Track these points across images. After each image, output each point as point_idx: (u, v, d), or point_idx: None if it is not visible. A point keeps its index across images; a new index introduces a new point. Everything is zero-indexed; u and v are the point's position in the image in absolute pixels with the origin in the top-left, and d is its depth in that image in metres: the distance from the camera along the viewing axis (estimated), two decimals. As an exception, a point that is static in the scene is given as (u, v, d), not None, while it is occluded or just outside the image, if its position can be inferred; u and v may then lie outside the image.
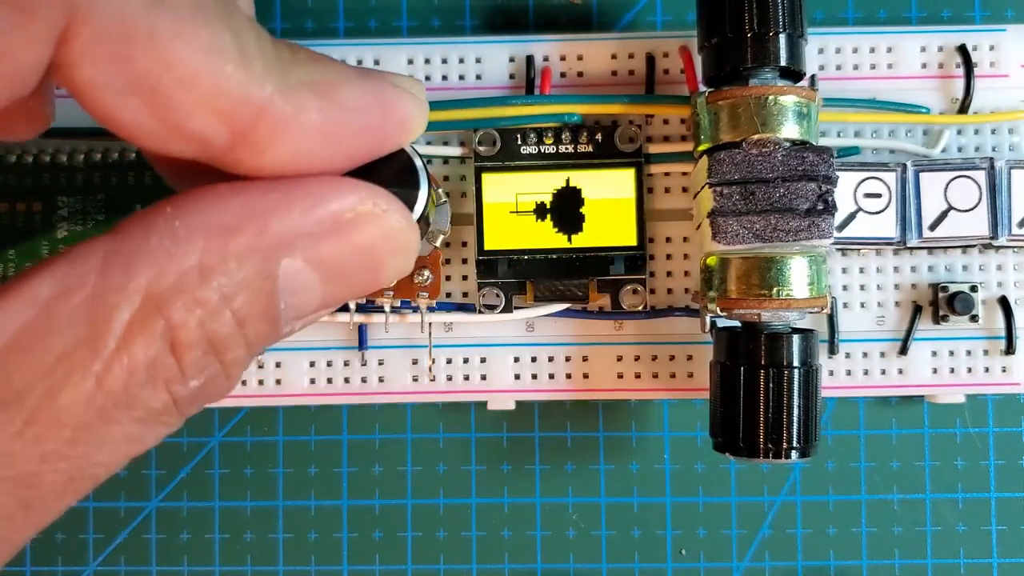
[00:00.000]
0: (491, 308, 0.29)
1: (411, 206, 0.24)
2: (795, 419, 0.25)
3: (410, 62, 0.30)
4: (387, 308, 0.28)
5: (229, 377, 0.18)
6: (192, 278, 0.16)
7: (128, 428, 0.17)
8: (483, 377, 0.30)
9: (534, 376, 0.30)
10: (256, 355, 0.18)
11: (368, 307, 0.29)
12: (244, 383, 0.30)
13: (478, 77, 0.30)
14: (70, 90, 0.16)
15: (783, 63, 0.26)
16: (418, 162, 0.25)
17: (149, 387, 0.17)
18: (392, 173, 0.24)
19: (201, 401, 0.18)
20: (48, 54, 0.15)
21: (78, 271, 0.16)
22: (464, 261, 0.30)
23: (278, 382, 0.30)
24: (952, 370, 0.30)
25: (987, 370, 0.29)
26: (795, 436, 0.25)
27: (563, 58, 0.30)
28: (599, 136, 0.29)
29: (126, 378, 0.16)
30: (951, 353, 0.30)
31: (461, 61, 0.30)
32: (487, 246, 0.28)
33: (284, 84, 0.17)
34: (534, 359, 0.30)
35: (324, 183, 0.18)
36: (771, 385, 0.25)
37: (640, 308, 0.29)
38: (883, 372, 0.30)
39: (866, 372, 0.30)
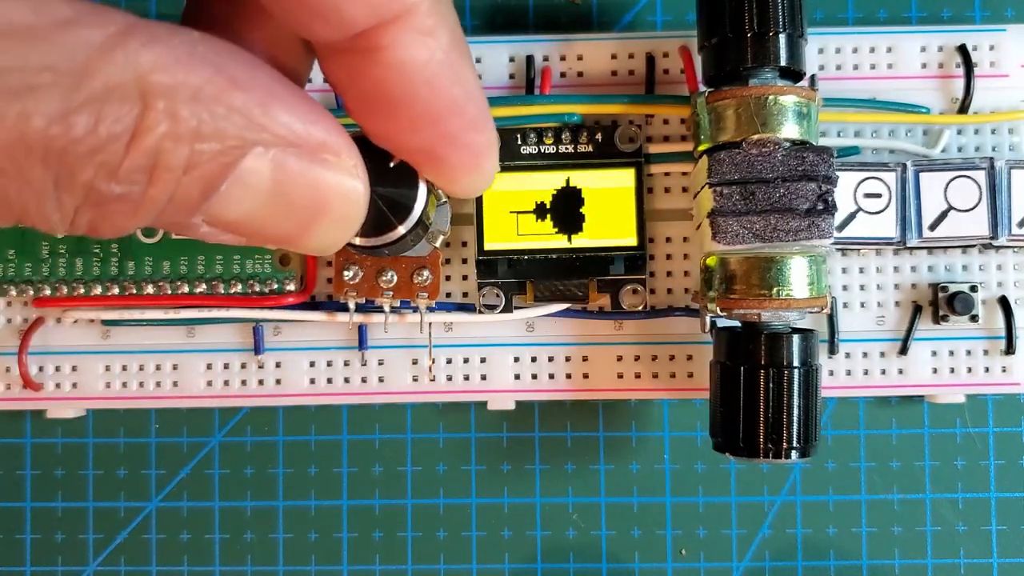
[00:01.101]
0: (491, 308, 0.29)
1: (410, 206, 0.24)
2: (795, 419, 0.25)
3: (410, 62, 0.30)
4: (387, 308, 0.28)
5: (128, 215, 0.17)
6: (183, 93, 0.16)
7: (38, 175, 0.16)
8: (483, 377, 0.30)
9: (534, 376, 0.30)
10: (152, 216, 0.18)
11: (368, 307, 0.29)
12: (244, 383, 0.30)
13: (478, 77, 0.30)
14: None
15: (783, 63, 0.26)
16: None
17: (91, 151, 0.16)
18: (391, 173, 0.24)
19: (90, 220, 0.17)
20: None
21: (102, 16, 0.16)
22: (464, 261, 0.30)
23: (278, 382, 0.30)
24: (952, 370, 0.30)
25: (987, 370, 0.29)
26: (795, 436, 0.25)
27: (563, 58, 0.30)
28: (599, 136, 0.29)
29: (83, 133, 0.16)
30: (951, 353, 0.30)
31: (461, 61, 0.30)
32: (487, 246, 0.28)
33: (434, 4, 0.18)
34: (534, 359, 0.30)
35: (325, 114, 0.18)
36: (771, 385, 0.25)
37: (640, 308, 0.29)
38: (883, 372, 0.30)
39: (866, 372, 0.30)
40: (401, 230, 0.24)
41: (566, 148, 0.29)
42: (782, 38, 0.25)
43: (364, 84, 0.19)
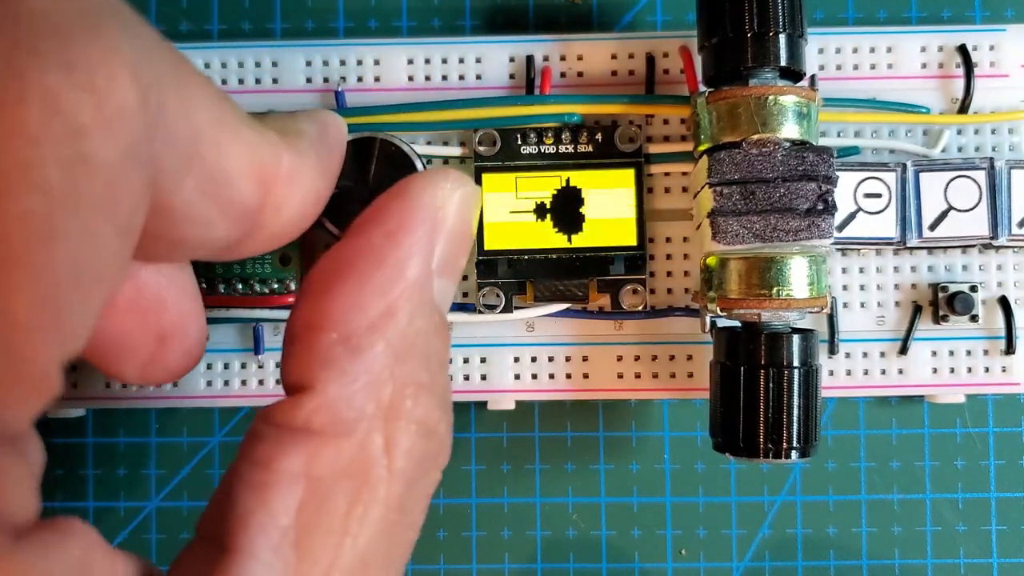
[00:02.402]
0: (491, 308, 0.29)
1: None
2: (795, 419, 0.25)
3: (410, 62, 0.30)
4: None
5: (450, 390, 0.19)
6: (399, 370, 0.17)
7: (417, 519, 0.19)
8: (483, 377, 0.30)
9: (534, 376, 0.30)
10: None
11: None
12: (244, 383, 0.30)
13: (478, 77, 0.30)
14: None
15: (783, 63, 0.26)
16: (418, 163, 0.25)
17: (423, 476, 0.18)
18: (392, 175, 0.24)
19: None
20: (145, 204, 0.16)
21: (313, 435, 0.17)
22: (464, 261, 0.30)
23: (278, 382, 0.30)
24: (952, 370, 0.30)
25: (987, 370, 0.29)
26: (795, 436, 0.25)
27: (563, 58, 0.30)
28: (599, 136, 0.29)
29: (406, 488, 0.18)
30: (951, 353, 0.30)
31: (461, 61, 0.30)
32: (487, 246, 0.28)
33: (285, 140, 0.19)
34: (534, 359, 0.30)
35: (399, 210, 0.19)
36: (771, 385, 0.25)
37: (640, 308, 0.29)
38: (883, 372, 0.30)
39: (866, 372, 0.30)
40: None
41: (566, 148, 0.29)
42: (782, 38, 0.25)
43: (281, 228, 0.20)
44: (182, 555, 0.17)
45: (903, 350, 0.29)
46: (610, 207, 0.28)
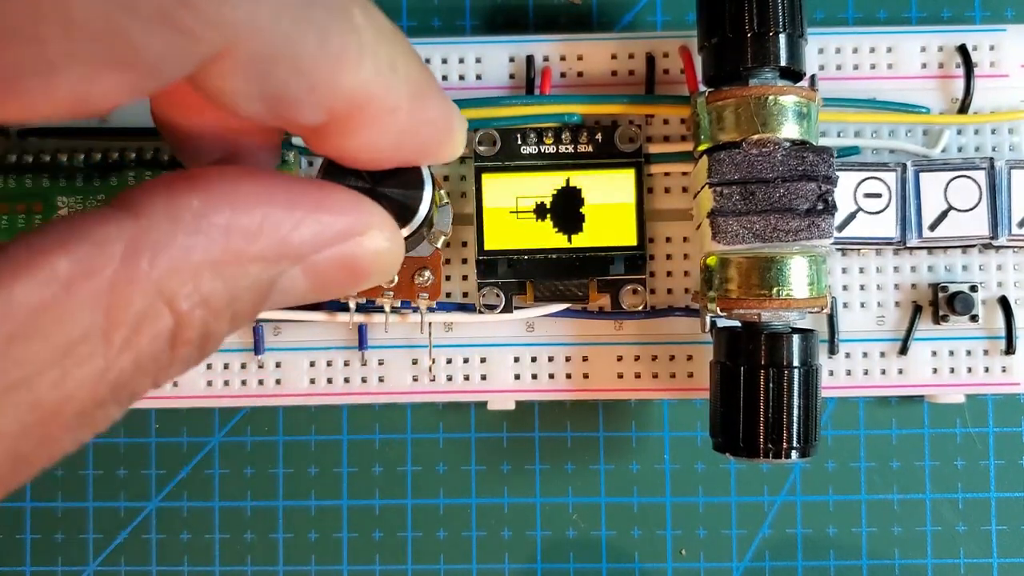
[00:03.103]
0: (491, 308, 0.29)
1: (415, 208, 0.24)
2: (795, 419, 0.25)
3: (410, 62, 0.30)
4: (387, 308, 0.28)
5: (196, 359, 0.18)
6: (206, 275, 0.16)
7: (112, 411, 0.17)
8: (483, 377, 0.30)
9: (534, 376, 0.30)
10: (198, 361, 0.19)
11: (368, 307, 0.29)
12: (244, 383, 0.30)
13: (478, 77, 0.30)
14: (196, 87, 0.17)
15: (783, 63, 0.26)
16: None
17: (141, 377, 0.17)
18: (398, 175, 0.24)
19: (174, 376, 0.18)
20: (192, 69, 0.16)
21: (101, 253, 0.16)
22: (464, 261, 0.30)
23: (278, 382, 0.30)
24: (952, 370, 0.30)
25: (987, 370, 0.29)
26: (795, 436, 0.25)
27: (563, 58, 0.30)
28: (599, 136, 0.29)
29: (130, 371, 0.16)
30: (951, 353, 0.30)
31: (461, 61, 0.30)
32: (487, 246, 0.28)
33: (389, 81, 0.18)
34: (534, 359, 0.30)
35: (337, 197, 0.18)
36: (771, 385, 0.25)
37: (640, 308, 0.29)
38: (883, 372, 0.30)
39: (866, 372, 0.30)
40: (405, 232, 0.24)
41: (566, 148, 0.29)
42: (782, 38, 0.25)
43: (329, 151, 0.20)
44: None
45: (903, 350, 0.29)
46: (610, 207, 0.28)
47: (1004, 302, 0.29)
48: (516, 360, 0.30)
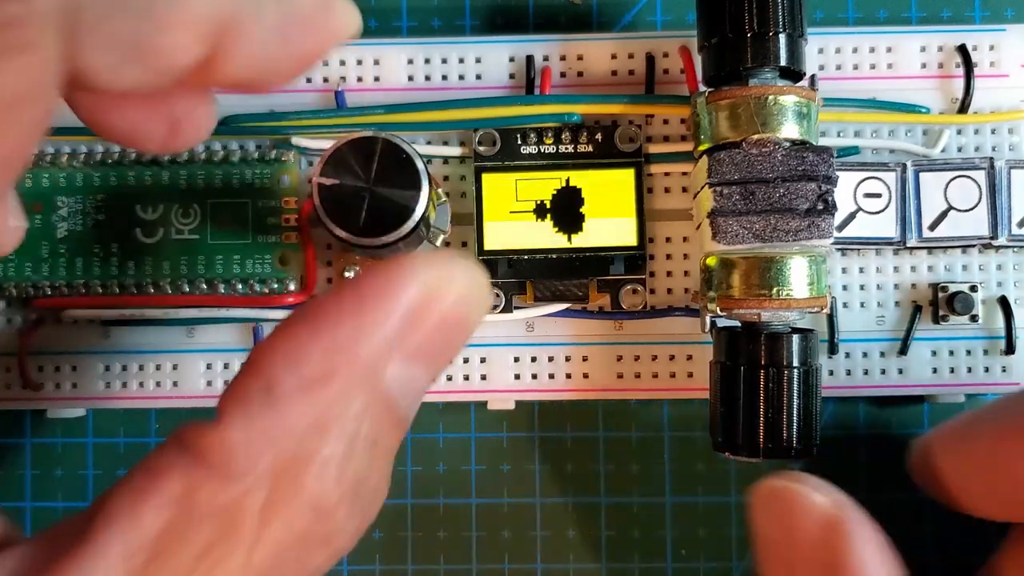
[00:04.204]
0: (491, 308, 0.29)
1: (412, 207, 0.24)
2: (795, 419, 0.25)
3: (410, 62, 0.30)
4: (387, 308, 0.28)
5: (381, 494, 0.18)
6: (311, 440, 0.16)
7: None
8: (483, 377, 0.30)
9: (534, 376, 0.30)
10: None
11: (368, 307, 0.29)
12: (244, 383, 0.30)
13: (478, 77, 0.30)
14: (81, 87, 0.16)
15: (783, 63, 0.26)
16: (419, 163, 0.25)
17: (304, 554, 0.17)
18: (393, 175, 0.24)
19: (367, 524, 0.18)
20: (59, 55, 0.16)
21: (202, 465, 0.16)
22: (464, 261, 0.30)
23: (278, 382, 0.30)
24: (952, 370, 0.30)
25: (987, 370, 0.30)
26: (795, 436, 0.25)
27: (563, 58, 0.30)
28: (599, 136, 0.29)
29: (273, 558, 0.16)
30: (951, 353, 0.30)
31: (461, 61, 0.30)
32: (487, 246, 0.28)
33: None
34: (534, 359, 0.30)
35: (384, 281, 0.18)
36: (771, 385, 0.25)
37: (640, 308, 0.29)
38: (883, 372, 0.30)
39: (866, 372, 0.30)
40: (402, 231, 0.24)
41: (566, 148, 0.29)
42: (782, 38, 0.25)
43: (224, 81, 0.19)
44: (60, 526, 0.17)
45: (903, 350, 0.29)
46: (610, 207, 0.28)
47: (1004, 302, 0.29)
48: (516, 360, 0.30)
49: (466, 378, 0.30)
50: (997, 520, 0.24)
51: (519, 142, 0.29)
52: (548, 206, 0.28)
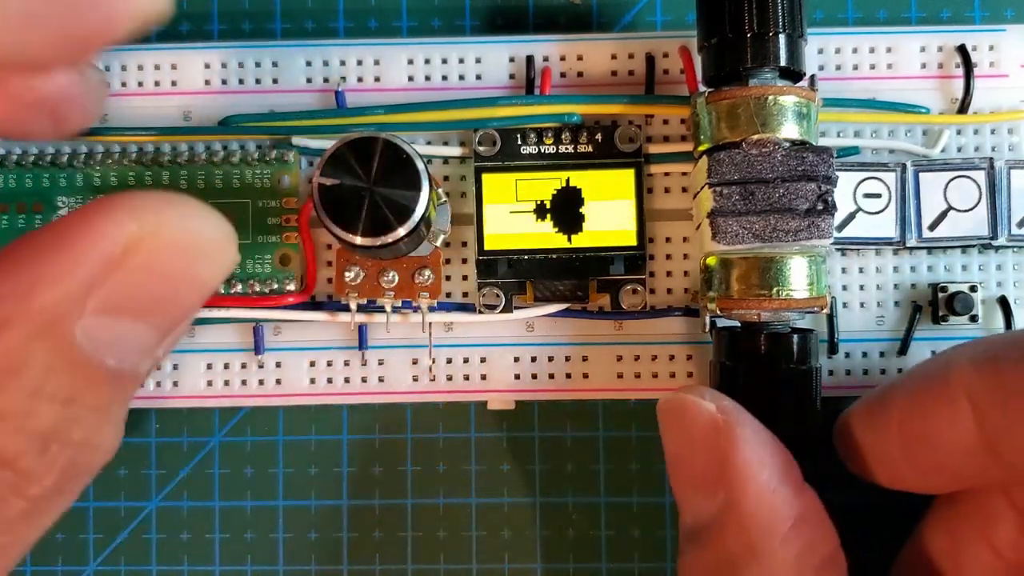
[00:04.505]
0: (491, 308, 0.29)
1: (413, 207, 0.24)
2: (794, 419, 0.25)
3: (410, 62, 0.30)
4: (388, 308, 0.28)
5: (97, 442, 0.17)
6: None
7: None
8: (483, 377, 0.30)
9: (534, 376, 0.30)
10: (127, 403, 0.17)
11: (369, 307, 0.29)
12: (244, 383, 0.30)
13: (478, 77, 0.30)
14: None
15: (783, 63, 0.26)
16: (419, 163, 0.25)
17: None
18: (393, 175, 0.24)
19: (79, 475, 0.17)
20: None
21: None
22: (464, 261, 0.30)
23: (278, 382, 0.30)
24: (952, 370, 0.30)
25: (987, 370, 0.29)
26: (795, 436, 0.25)
27: (563, 58, 0.30)
28: (599, 136, 0.29)
29: None
30: (951, 353, 0.30)
31: (461, 61, 0.30)
32: (487, 246, 0.28)
33: None
34: (534, 359, 0.30)
35: (78, 226, 0.16)
36: (771, 385, 0.25)
37: (640, 308, 0.29)
38: (883, 372, 0.30)
39: (866, 372, 0.30)
40: (402, 231, 0.24)
41: (566, 148, 0.29)
42: (782, 38, 0.25)
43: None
44: None
45: (903, 350, 0.29)
46: (610, 207, 0.28)
47: (1004, 302, 0.29)
48: (516, 360, 0.30)
49: (466, 378, 0.30)
50: (916, 492, 0.24)
51: (519, 142, 0.29)
52: (548, 206, 0.28)
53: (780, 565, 0.21)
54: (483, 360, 0.30)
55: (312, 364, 0.30)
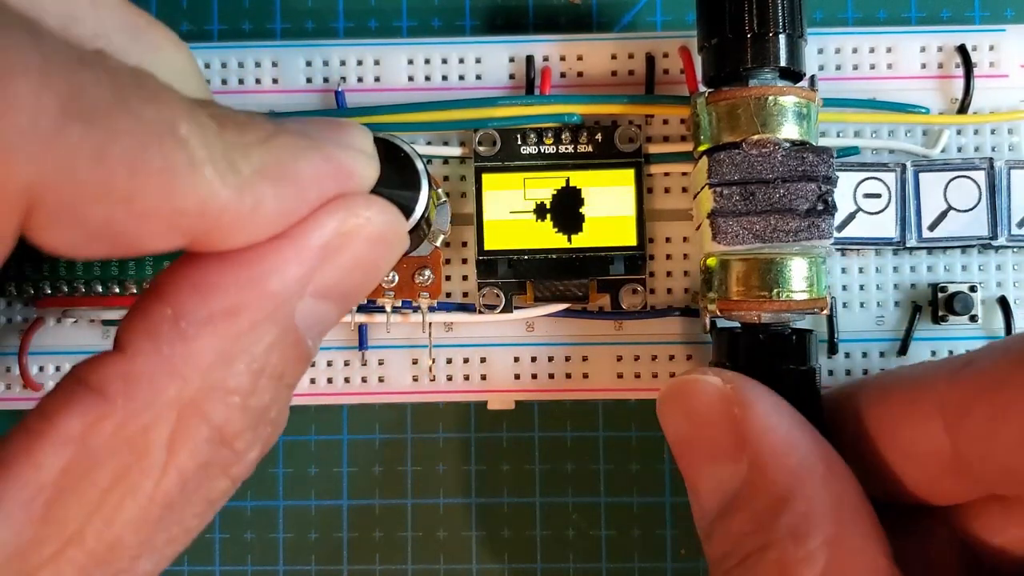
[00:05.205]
0: (491, 308, 0.29)
1: (412, 207, 0.24)
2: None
3: (410, 62, 0.30)
4: (388, 308, 0.28)
5: (282, 420, 0.19)
6: (218, 371, 0.17)
7: (189, 522, 0.17)
8: (483, 377, 0.30)
9: (534, 376, 0.30)
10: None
11: (369, 307, 0.29)
12: (244, 383, 0.30)
13: (478, 77, 0.30)
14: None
15: (783, 63, 0.26)
16: (419, 163, 0.25)
17: (206, 482, 0.17)
18: (393, 175, 0.24)
19: (262, 456, 0.19)
20: (14, 230, 0.14)
21: (103, 401, 0.16)
22: (464, 261, 0.30)
23: (278, 382, 0.30)
24: (952, 370, 0.30)
25: (986, 370, 0.29)
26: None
27: (563, 58, 0.30)
28: (599, 136, 0.29)
29: (179, 487, 0.16)
30: (951, 353, 0.30)
31: (461, 61, 0.30)
32: (487, 246, 0.28)
33: (237, 182, 0.16)
34: (534, 359, 0.30)
35: (303, 214, 0.18)
36: (770, 385, 0.25)
37: (640, 308, 0.29)
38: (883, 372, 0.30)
39: (866, 372, 0.30)
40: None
41: (566, 148, 0.29)
42: (782, 39, 0.25)
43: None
44: None
45: (903, 350, 0.29)
46: (610, 207, 0.28)
47: (1003, 302, 0.29)
48: (516, 360, 0.30)
49: (466, 378, 0.30)
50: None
51: (519, 142, 0.29)
52: (548, 206, 0.28)
53: (820, 505, 0.21)
54: (483, 360, 0.30)
55: (312, 364, 0.30)
